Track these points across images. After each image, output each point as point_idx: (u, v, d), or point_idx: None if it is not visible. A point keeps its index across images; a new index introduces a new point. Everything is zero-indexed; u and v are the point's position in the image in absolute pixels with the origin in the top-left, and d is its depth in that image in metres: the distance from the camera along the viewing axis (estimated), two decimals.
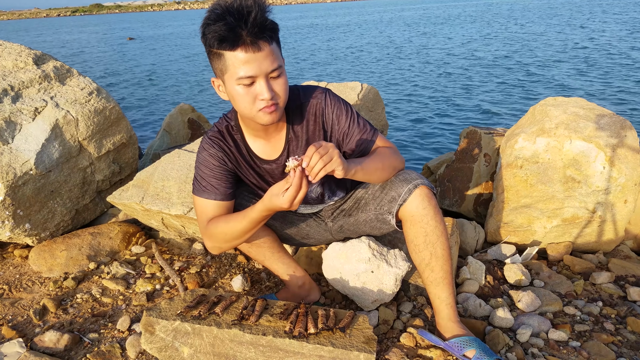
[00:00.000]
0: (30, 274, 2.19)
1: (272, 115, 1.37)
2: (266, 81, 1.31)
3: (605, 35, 14.91)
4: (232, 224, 1.47)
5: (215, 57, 1.32)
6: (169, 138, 3.85)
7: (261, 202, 1.37)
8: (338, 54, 15.97)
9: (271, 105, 1.34)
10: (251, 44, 1.25)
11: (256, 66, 1.28)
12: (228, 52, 1.27)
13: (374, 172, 1.49)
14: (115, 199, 2.25)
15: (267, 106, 1.34)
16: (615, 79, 8.75)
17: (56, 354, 1.63)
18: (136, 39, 29.66)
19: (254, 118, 1.38)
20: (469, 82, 9.52)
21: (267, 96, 1.31)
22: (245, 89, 1.32)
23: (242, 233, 1.47)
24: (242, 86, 1.31)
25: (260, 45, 1.26)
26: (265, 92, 1.31)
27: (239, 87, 1.32)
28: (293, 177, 1.26)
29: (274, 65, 1.30)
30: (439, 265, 1.52)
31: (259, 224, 1.46)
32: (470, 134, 2.72)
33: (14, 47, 2.82)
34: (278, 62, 1.32)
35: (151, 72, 14.20)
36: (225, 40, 1.25)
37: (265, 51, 1.27)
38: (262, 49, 1.27)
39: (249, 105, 1.34)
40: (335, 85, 3.03)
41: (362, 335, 1.40)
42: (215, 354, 1.41)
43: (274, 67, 1.30)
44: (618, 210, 2.13)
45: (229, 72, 1.31)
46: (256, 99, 1.33)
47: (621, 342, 1.64)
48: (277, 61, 1.31)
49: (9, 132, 2.28)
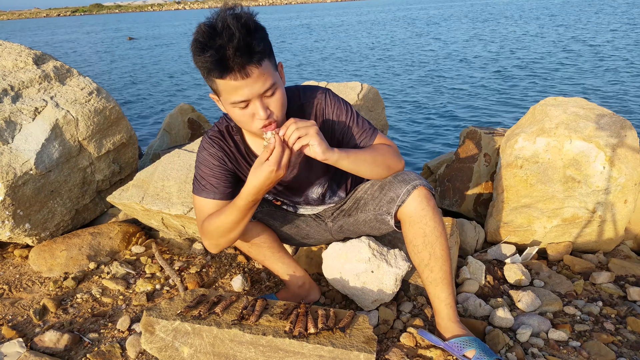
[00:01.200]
0: (30, 273, 2.19)
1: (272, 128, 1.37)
2: (260, 102, 1.30)
3: (605, 35, 14.91)
4: (223, 217, 1.47)
5: (208, 80, 1.32)
6: (169, 138, 3.85)
7: (246, 184, 1.36)
8: (338, 54, 15.97)
9: (269, 123, 1.33)
10: (239, 71, 1.23)
11: (247, 91, 1.26)
12: (218, 80, 1.27)
13: (363, 164, 1.46)
14: (115, 199, 2.25)
15: (265, 125, 1.33)
16: (616, 78, 8.75)
17: (56, 354, 1.63)
18: (136, 38, 29.66)
19: (257, 134, 1.39)
20: (469, 82, 9.52)
21: (262, 116, 1.31)
22: (241, 111, 1.32)
23: (234, 224, 1.46)
24: (238, 108, 1.31)
25: (248, 71, 1.23)
26: (261, 112, 1.30)
27: (236, 109, 1.32)
28: (273, 144, 1.28)
29: (266, 85, 1.28)
30: (438, 265, 1.53)
31: (249, 210, 1.43)
32: (470, 134, 2.72)
33: (14, 47, 2.82)
34: (271, 81, 1.29)
35: (151, 72, 14.20)
36: (213, 71, 1.24)
37: (254, 75, 1.25)
38: (251, 74, 1.24)
39: (248, 124, 1.35)
40: (335, 85, 3.03)
41: (362, 335, 1.40)
42: (215, 354, 1.41)
43: (266, 87, 1.28)
44: (618, 210, 2.13)
45: (223, 96, 1.32)
46: (254, 118, 1.33)
47: (621, 342, 1.64)
48: (269, 80, 1.29)
49: (9, 132, 2.28)
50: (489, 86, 8.98)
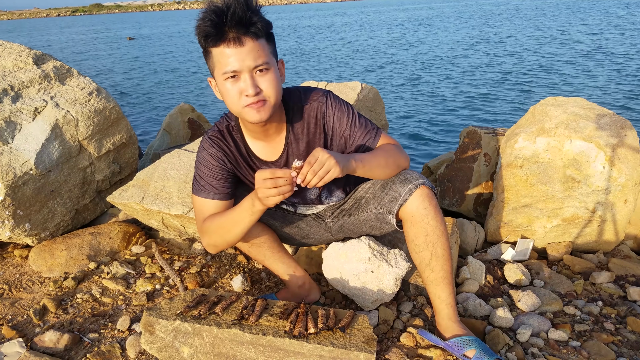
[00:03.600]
0: (30, 273, 2.19)
1: (260, 113, 1.35)
2: (250, 77, 1.31)
3: (605, 35, 14.91)
4: (225, 217, 1.48)
5: (206, 55, 1.36)
6: (169, 138, 3.85)
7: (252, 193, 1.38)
8: (338, 54, 15.97)
9: (257, 102, 1.33)
10: (233, 39, 1.28)
11: (239, 60, 1.29)
12: (214, 48, 1.31)
13: (376, 168, 1.48)
14: (115, 199, 2.25)
15: (253, 102, 1.33)
16: (616, 78, 8.75)
17: (56, 354, 1.63)
18: (136, 38, 29.66)
19: (242, 114, 1.39)
20: (469, 81, 9.52)
21: (251, 92, 1.31)
22: (231, 85, 1.33)
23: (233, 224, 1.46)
24: (229, 81, 1.33)
25: (243, 41, 1.28)
26: (250, 87, 1.31)
27: (227, 83, 1.33)
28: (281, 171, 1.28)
29: (259, 61, 1.30)
30: (439, 265, 1.52)
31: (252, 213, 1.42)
32: (470, 133, 2.72)
33: (14, 47, 2.82)
34: (264, 59, 1.32)
35: (151, 72, 14.20)
36: (209, 36, 1.29)
37: (248, 46, 1.29)
38: (244, 44, 1.28)
39: (235, 101, 1.35)
40: (335, 85, 3.03)
41: (362, 335, 1.40)
42: (215, 354, 1.41)
43: (257, 62, 1.30)
44: (618, 210, 2.13)
45: (217, 69, 1.34)
46: (242, 95, 1.33)
47: (621, 342, 1.64)
48: (263, 57, 1.31)
49: (9, 132, 2.28)
50: (489, 86, 8.97)
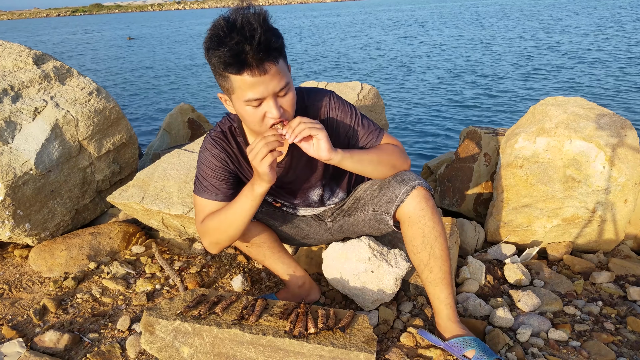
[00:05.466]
0: (30, 273, 2.19)
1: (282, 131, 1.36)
2: (274, 101, 1.29)
3: (605, 34, 14.91)
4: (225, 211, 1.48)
5: (221, 77, 1.29)
6: (169, 138, 3.85)
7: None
8: (338, 54, 15.96)
9: (280, 122, 1.33)
10: (257, 67, 1.22)
11: (263, 88, 1.26)
12: (234, 75, 1.25)
13: (368, 164, 1.47)
14: (115, 199, 2.25)
15: (276, 122, 1.33)
16: (616, 78, 8.75)
17: (56, 354, 1.63)
18: (136, 38, 29.66)
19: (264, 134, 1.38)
20: (469, 81, 9.51)
21: (276, 115, 1.30)
22: (253, 109, 1.31)
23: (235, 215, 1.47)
24: (251, 107, 1.30)
25: (266, 68, 1.23)
26: (274, 111, 1.29)
27: (248, 108, 1.31)
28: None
29: (282, 84, 1.28)
30: (437, 265, 1.52)
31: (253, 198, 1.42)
32: (470, 133, 2.72)
33: (13, 47, 2.82)
34: (285, 80, 1.29)
35: (151, 71, 14.19)
36: (231, 65, 1.22)
37: (272, 72, 1.24)
38: (268, 71, 1.24)
39: (258, 123, 1.34)
40: (335, 85, 3.03)
41: (362, 335, 1.40)
42: (215, 354, 1.41)
43: (281, 86, 1.28)
44: (618, 209, 2.13)
45: (236, 94, 1.29)
46: (265, 117, 1.32)
47: (621, 342, 1.64)
48: (284, 79, 1.29)
49: (9, 132, 2.28)
50: (489, 86, 8.97)
